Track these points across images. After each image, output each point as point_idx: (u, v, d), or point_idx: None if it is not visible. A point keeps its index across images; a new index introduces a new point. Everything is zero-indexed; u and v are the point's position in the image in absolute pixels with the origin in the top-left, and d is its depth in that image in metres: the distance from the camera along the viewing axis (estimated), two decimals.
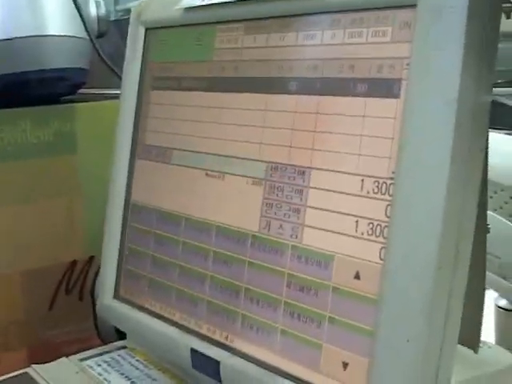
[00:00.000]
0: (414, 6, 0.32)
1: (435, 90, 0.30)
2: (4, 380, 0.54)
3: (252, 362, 0.40)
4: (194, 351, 0.45)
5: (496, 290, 0.69)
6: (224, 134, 0.45)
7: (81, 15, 0.66)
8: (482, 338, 0.42)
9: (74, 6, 0.67)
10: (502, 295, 0.74)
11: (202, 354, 0.44)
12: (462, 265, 0.31)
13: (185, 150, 0.49)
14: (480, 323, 0.40)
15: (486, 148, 0.32)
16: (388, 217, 0.32)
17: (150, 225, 0.52)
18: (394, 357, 0.31)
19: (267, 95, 0.41)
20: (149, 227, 0.52)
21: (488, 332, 0.71)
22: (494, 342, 0.58)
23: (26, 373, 0.55)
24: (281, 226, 0.39)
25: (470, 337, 0.40)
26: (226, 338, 0.43)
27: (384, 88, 0.34)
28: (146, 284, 0.52)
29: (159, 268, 0.51)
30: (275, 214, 0.40)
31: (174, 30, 0.51)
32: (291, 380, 0.38)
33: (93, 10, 0.72)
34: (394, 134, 0.33)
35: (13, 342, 0.67)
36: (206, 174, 0.46)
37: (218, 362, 0.42)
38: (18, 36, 0.68)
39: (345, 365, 0.35)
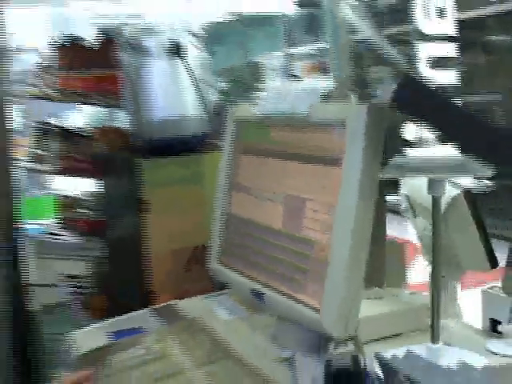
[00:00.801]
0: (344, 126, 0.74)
1: (350, 165, 0.73)
2: (156, 308, 1.04)
3: (276, 293, 0.84)
4: (252, 290, 0.90)
5: None
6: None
7: (205, 105, 1.15)
8: None
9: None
10: None
11: (255, 290, 0.89)
12: (366, 234, 0.73)
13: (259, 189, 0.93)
14: (383, 267, 0.82)
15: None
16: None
17: (241, 229, 0.98)
18: (335, 278, 0.73)
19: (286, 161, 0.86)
20: (242, 231, 0.98)
21: None
22: None
23: (170, 304, 1.04)
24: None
25: (377, 278, 0.82)
26: (265, 282, 0.88)
27: (329, 161, 0.76)
28: (235, 256, 0.98)
29: (243, 249, 0.96)
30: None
31: (251, 124, 0.97)
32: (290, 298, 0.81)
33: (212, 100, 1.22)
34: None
35: (166, 291, 1.17)
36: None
37: (262, 293, 0.87)
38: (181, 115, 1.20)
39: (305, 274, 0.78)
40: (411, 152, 0.76)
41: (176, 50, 1.25)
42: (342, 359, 0.71)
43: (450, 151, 0.67)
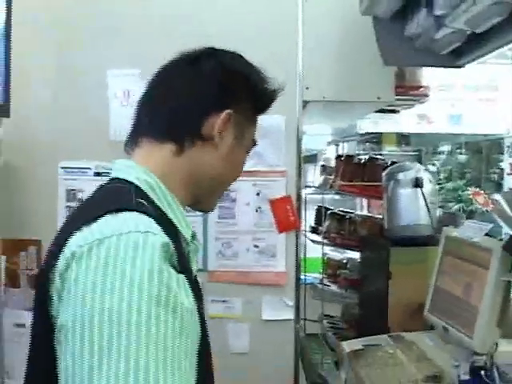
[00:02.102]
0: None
1: None
2: (391, 335, 1.84)
3: (454, 329, 1.61)
4: (443, 327, 1.67)
5: None
6: None
7: (431, 219, 1.96)
8: None
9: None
10: None
11: (445, 328, 1.66)
12: (498, 299, 1.48)
13: (453, 275, 1.72)
14: (508, 319, 1.55)
15: None
16: None
17: (441, 295, 1.76)
18: (481, 321, 1.49)
19: None
20: (442, 296, 1.76)
21: None
22: None
23: (399, 334, 1.84)
24: None
25: (505, 326, 1.55)
26: (450, 323, 1.64)
27: None
28: (437, 310, 1.76)
29: (442, 306, 1.74)
30: None
31: (452, 238, 1.76)
32: None
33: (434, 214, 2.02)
34: None
35: (397, 329, 1.98)
36: None
37: (447, 329, 1.64)
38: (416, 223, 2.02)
39: None
40: None
41: (417, 183, 2.09)
42: (482, 361, 1.45)
43: None
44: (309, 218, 3.34)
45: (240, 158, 1.12)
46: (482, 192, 4.28)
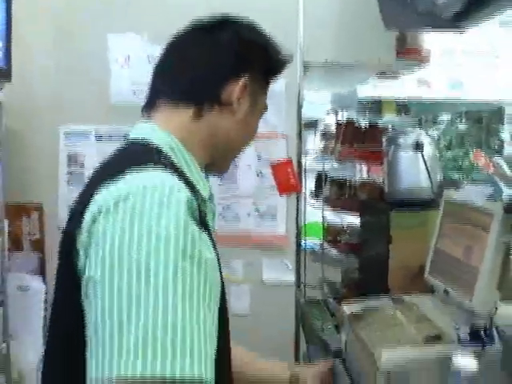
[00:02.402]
0: None
1: None
2: (391, 297, 1.86)
3: (453, 291, 1.62)
4: (444, 290, 1.69)
5: None
6: None
7: (431, 181, 1.96)
8: None
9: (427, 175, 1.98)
10: None
11: (446, 290, 1.68)
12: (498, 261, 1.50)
13: (453, 237, 1.73)
14: (508, 280, 1.57)
15: None
16: None
17: (442, 257, 1.77)
18: (481, 282, 1.50)
19: None
20: (442, 258, 1.78)
21: None
22: None
23: (399, 296, 1.86)
24: None
25: (505, 287, 1.57)
26: (451, 286, 1.66)
27: None
28: (438, 272, 1.77)
29: (443, 268, 1.75)
30: None
31: (450, 203, 1.76)
32: None
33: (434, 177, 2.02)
34: None
35: (398, 291, 2.00)
36: None
37: (448, 292, 1.66)
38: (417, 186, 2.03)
39: None
40: None
41: (417, 146, 2.08)
42: (482, 322, 1.47)
43: None
44: (309, 185, 3.34)
45: (254, 123, 1.19)
46: (484, 154, 4.29)
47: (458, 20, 1.86)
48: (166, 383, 0.82)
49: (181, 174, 1.01)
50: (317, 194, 3.23)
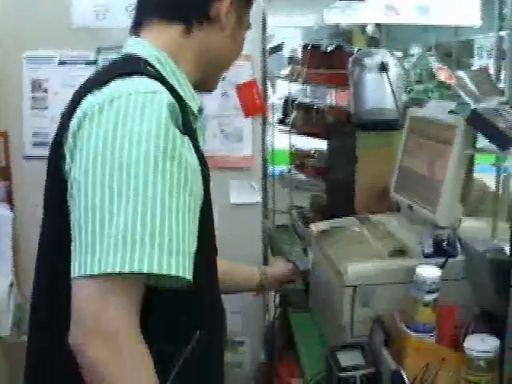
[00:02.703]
0: None
1: None
2: (358, 217, 1.88)
3: (418, 206, 1.65)
4: (408, 205, 1.71)
5: None
6: None
7: (397, 102, 1.96)
8: None
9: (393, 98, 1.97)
10: None
11: (410, 205, 1.70)
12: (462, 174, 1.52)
13: (417, 152, 1.75)
14: (469, 194, 1.59)
15: None
16: None
17: (406, 173, 1.79)
18: (444, 195, 1.53)
19: None
20: (406, 175, 1.79)
21: None
22: None
23: (366, 215, 1.88)
24: None
25: (465, 199, 1.59)
26: (414, 201, 1.68)
27: None
28: (403, 188, 1.79)
29: (407, 184, 1.77)
30: None
31: (416, 119, 1.77)
32: None
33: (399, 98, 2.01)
34: None
35: (364, 211, 2.02)
36: None
37: (412, 206, 1.68)
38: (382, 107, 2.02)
39: None
40: None
41: (382, 67, 2.07)
42: (445, 235, 1.50)
43: None
44: (276, 112, 3.33)
45: (240, 40, 1.23)
46: (446, 67, 4.29)
47: None
48: (144, 278, 0.90)
49: (167, 85, 1.03)
50: (284, 120, 3.21)
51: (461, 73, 1.49)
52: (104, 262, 0.86)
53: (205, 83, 1.23)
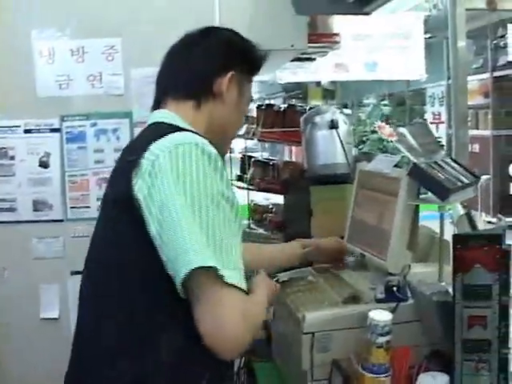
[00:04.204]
0: None
1: None
2: (314, 267, 1.98)
3: (370, 254, 1.75)
4: (361, 254, 1.81)
5: None
6: None
7: (347, 158, 2.09)
8: None
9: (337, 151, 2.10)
10: None
11: (363, 254, 1.80)
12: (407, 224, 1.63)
13: (366, 205, 1.86)
14: (416, 243, 1.70)
15: None
16: None
17: (358, 224, 1.90)
18: (393, 245, 1.64)
19: None
20: (358, 225, 1.90)
21: None
22: None
23: (322, 266, 1.98)
24: None
25: (413, 248, 1.70)
26: (366, 249, 1.79)
27: None
28: (355, 239, 1.90)
29: (358, 234, 1.88)
30: None
31: (364, 173, 1.89)
32: None
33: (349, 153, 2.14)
34: None
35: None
36: None
37: (364, 256, 1.78)
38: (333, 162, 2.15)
39: None
40: None
41: (332, 125, 2.21)
42: (395, 281, 1.59)
43: None
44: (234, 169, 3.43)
45: (242, 111, 1.47)
46: (387, 125, 4.50)
47: (363, 4, 1.99)
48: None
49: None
50: (242, 176, 3.33)
51: (402, 129, 1.62)
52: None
53: (218, 150, 1.36)
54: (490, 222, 7.03)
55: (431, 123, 6.13)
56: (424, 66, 5.88)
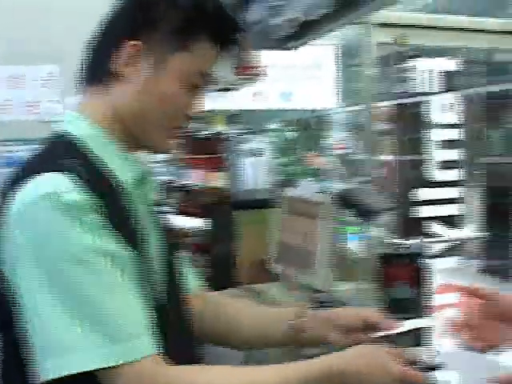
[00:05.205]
0: None
1: None
2: (241, 287, 2.08)
3: (297, 273, 1.88)
4: (285, 275, 1.94)
5: None
6: None
7: (270, 184, 2.22)
8: None
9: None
10: None
11: (288, 275, 1.93)
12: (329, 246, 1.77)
13: (291, 229, 2.00)
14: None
15: None
16: None
17: (283, 247, 2.03)
18: (317, 264, 1.78)
19: None
20: (283, 248, 2.03)
21: None
22: None
23: (249, 286, 2.09)
24: None
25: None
26: (293, 270, 1.92)
27: None
28: (281, 260, 2.03)
29: (284, 256, 2.01)
30: None
31: (287, 198, 2.03)
32: None
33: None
34: None
35: (246, 281, 2.23)
36: None
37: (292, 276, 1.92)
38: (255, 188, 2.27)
39: None
40: None
41: (256, 152, 2.35)
42: (321, 298, 1.73)
43: None
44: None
45: (169, 91, 1.02)
46: (318, 154, 4.71)
47: (289, 40, 2.13)
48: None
49: (93, 167, 0.98)
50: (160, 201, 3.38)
51: (333, 158, 1.78)
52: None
53: (149, 146, 1.08)
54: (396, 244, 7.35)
55: (335, 149, 6.44)
56: (335, 95, 6.21)
